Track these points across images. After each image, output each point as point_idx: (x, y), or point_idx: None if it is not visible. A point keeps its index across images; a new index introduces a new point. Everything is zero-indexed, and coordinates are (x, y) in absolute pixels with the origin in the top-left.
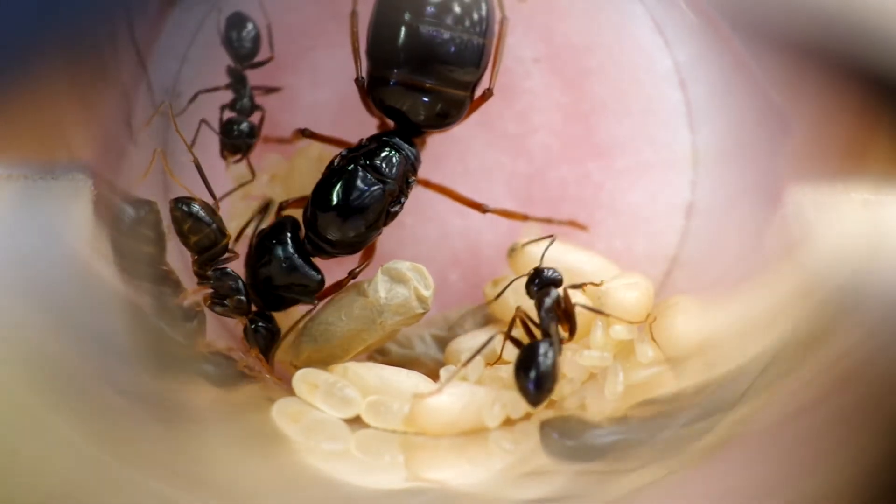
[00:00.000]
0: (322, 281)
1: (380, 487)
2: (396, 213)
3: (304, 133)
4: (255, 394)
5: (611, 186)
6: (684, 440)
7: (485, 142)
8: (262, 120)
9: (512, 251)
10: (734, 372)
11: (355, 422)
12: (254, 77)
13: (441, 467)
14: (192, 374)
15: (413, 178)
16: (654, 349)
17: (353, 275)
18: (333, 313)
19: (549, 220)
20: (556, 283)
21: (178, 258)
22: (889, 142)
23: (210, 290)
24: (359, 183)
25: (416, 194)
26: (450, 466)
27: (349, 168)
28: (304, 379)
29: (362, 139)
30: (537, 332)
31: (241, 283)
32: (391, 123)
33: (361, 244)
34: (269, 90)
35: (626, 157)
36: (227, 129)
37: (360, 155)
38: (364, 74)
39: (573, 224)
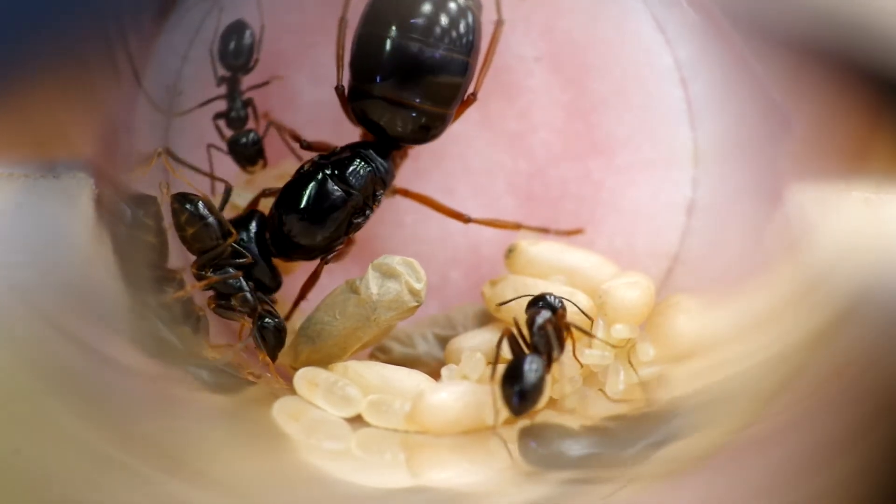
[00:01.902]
0: (278, 283)
1: (381, 486)
2: (360, 225)
3: (302, 145)
4: (257, 392)
5: (611, 184)
6: (665, 453)
7: (485, 140)
8: (254, 111)
9: (510, 252)
10: (730, 377)
11: (356, 420)
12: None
13: (442, 466)
14: (192, 376)
15: (381, 191)
16: (655, 348)
17: (325, 261)
18: (328, 313)
19: (544, 230)
20: (553, 308)
21: (183, 257)
22: (890, 140)
23: (212, 292)
24: (322, 191)
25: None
26: (451, 465)
27: (316, 175)
28: (304, 377)
29: (336, 147)
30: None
31: (242, 281)
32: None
33: (321, 252)
34: (258, 86)
35: (626, 155)
36: (235, 151)
37: (329, 163)
38: (345, 83)
39: (571, 232)
